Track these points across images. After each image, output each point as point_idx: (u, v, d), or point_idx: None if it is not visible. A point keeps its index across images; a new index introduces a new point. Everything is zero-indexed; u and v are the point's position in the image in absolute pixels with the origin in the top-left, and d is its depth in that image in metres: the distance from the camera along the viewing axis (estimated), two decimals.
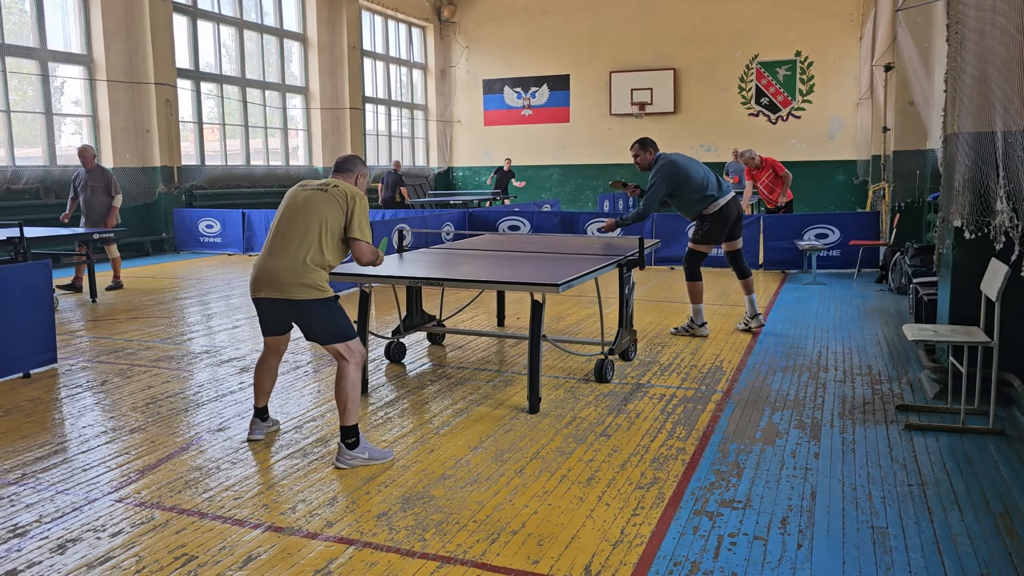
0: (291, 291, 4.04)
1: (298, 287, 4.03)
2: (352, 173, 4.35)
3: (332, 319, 4.11)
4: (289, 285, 4.03)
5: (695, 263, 7.04)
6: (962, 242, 5.05)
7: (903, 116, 10.73)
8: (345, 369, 4.09)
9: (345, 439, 4.07)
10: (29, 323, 5.87)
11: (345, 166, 4.38)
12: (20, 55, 12.71)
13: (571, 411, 4.93)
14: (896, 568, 3.02)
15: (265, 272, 4.10)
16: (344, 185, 4.18)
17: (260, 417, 4.53)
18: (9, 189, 12.20)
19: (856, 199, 19.53)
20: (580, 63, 22.22)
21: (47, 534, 3.36)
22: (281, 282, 4.04)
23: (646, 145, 6.85)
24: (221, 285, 10.38)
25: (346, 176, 4.33)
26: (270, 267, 4.08)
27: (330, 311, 4.11)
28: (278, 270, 4.05)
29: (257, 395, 4.51)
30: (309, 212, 4.09)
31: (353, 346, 4.14)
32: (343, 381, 4.08)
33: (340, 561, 3.11)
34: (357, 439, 4.09)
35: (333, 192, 4.12)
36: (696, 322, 7.03)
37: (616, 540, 3.25)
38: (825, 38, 20.01)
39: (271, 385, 4.53)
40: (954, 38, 5.09)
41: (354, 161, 4.40)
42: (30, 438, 4.55)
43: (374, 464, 4.08)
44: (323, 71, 18.90)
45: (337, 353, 4.11)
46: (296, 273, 4.02)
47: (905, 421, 4.66)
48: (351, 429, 4.07)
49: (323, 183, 4.20)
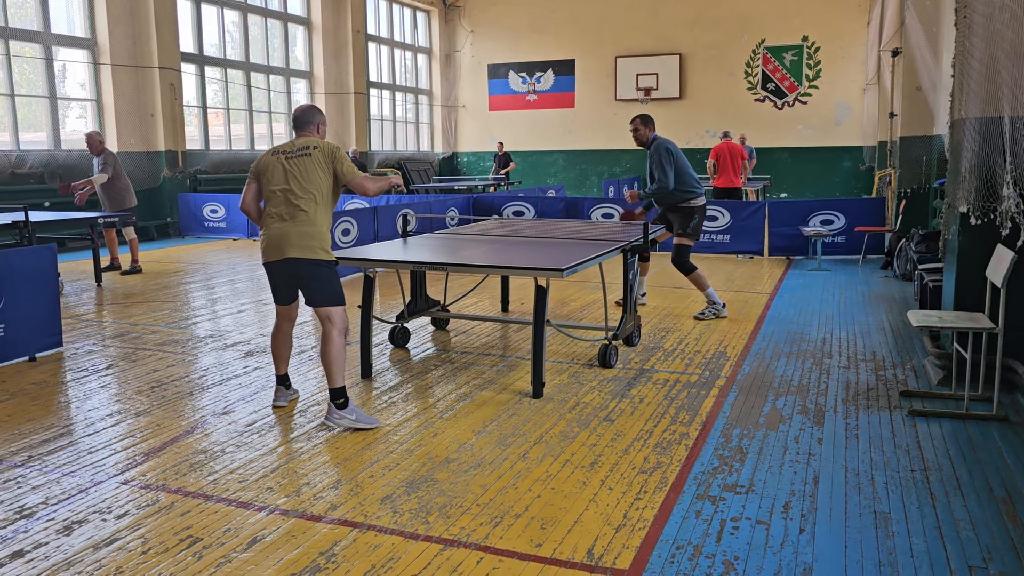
0: (303, 251, 4.33)
1: (308, 248, 4.33)
2: (313, 124, 4.55)
3: (331, 282, 4.42)
4: (300, 247, 4.32)
5: (686, 256, 7.17)
6: (968, 228, 5.03)
7: (910, 102, 10.66)
8: (331, 333, 4.39)
9: (334, 399, 4.36)
10: (35, 307, 5.89)
11: (305, 119, 4.55)
12: (24, 39, 12.68)
13: (575, 396, 4.94)
14: (898, 552, 3.03)
15: (276, 238, 4.36)
16: (322, 144, 4.43)
17: (283, 384, 4.80)
18: (14, 173, 12.21)
19: (862, 185, 19.45)
20: (585, 48, 22.10)
21: (53, 516, 3.39)
22: (292, 244, 4.32)
23: (647, 121, 7.08)
24: (225, 270, 10.39)
25: (309, 130, 4.54)
26: (281, 232, 4.34)
27: (330, 274, 4.43)
28: (289, 234, 4.32)
29: (277, 363, 4.76)
30: (306, 178, 4.36)
31: (341, 312, 4.45)
32: (328, 345, 4.37)
33: (344, 543, 3.13)
34: (346, 400, 4.38)
35: (316, 156, 4.38)
36: (717, 304, 7.23)
37: (619, 524, 3.27)
38: (832, 23, 19.87)
39: (288, 351, 4.77)
40: (962, 22, 5.04)
41: (311, 112, 4.58)
42: (36, 421, 4.58)
43: (360, 427, 4.34)
44: (327, 55, 18.83)
45: (326, 316, 4.40)
46: (307, 236, 4.33)
47: (909, 407, 4.66)
48: (339, 391, 4.36)
49: (301, 148, 4.42)
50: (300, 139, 4.49)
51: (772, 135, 20.39)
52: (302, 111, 4.58)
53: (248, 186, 4.56)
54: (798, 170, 20.51)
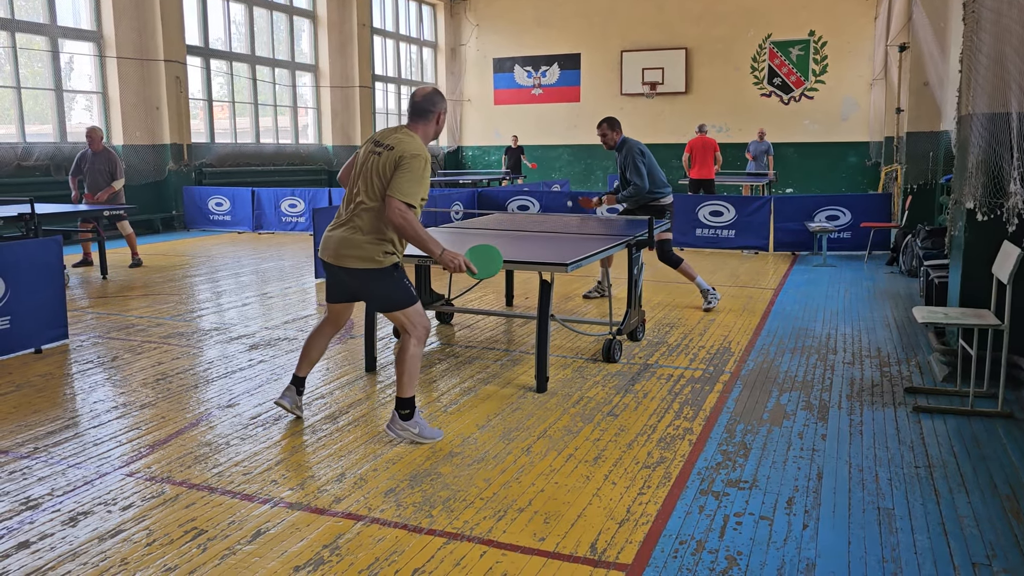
0: (357, 262, 3.98)
1: (361, 259, 3.97)
2: (432, 114, 4.03)
3: (392, 287, 4.04)
4: (355, 257, 3.97)
5: (669, 250, 7.29)
6: (974, 224, 5.01)
7: (917, 97, 10.62)
8: (407, 341, 4.08)
9: (400, 408, 4.10)
10: (40, 299, 5.91)
11: (421, 107, 4.02)
12: (30, 31, 12.70)
13: (579, 391, 4.94)
14: (902, 549, 3.03)
15: (332, 240, 4.04)
16: (403, 146, 3.90)
17: (297, 386, 4.42)
18: (20, 166, 12.23)
19: (868, 181, 19.38)
20: (591, 42, 22.04)
21: (59, 507, 3.40)
22: (345, 253, 3.99)
23: (614, 125, 7.24)
24: (231, 263, 10.41)
25: (424, 120, 4.03)
26: (337, 237, 4.01)
27: (390, 280, 4.03)
28: (344, 241, 3.99)
29: (301, 361, 4.41)
30: (371, 181, 3.95)
31: (414, 319, 4.07)
32: (403, 354, 4.08)
33: (348, 536, 3.14)
34: (412, 411, 4.11)
35: (387, 155, 3.91)
36: (710, 291, 7.36)
37: (622, 518, 3.27)
38: (839, 17, 19.78)
39: (318, 355, 4.43)
40: (970, 17, 5.02)
41: (431, 99, 4.03)
42: (42, 413, 4.60)
43: (422, 442, 4.08)
44: (333, 49, 18.81)
45: (399, 323, 4.09)
46: (358, 245, 3.96)
47: (913, 403, 4.66)
48: (407, 400, 4.09)
49: (387, 144, 3.95)
50: (399, 130, 4.01)
51: (778, 130, 20.31)
52: (421, 97, 4.02)
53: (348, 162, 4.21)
54: (804, 165, 20.45)
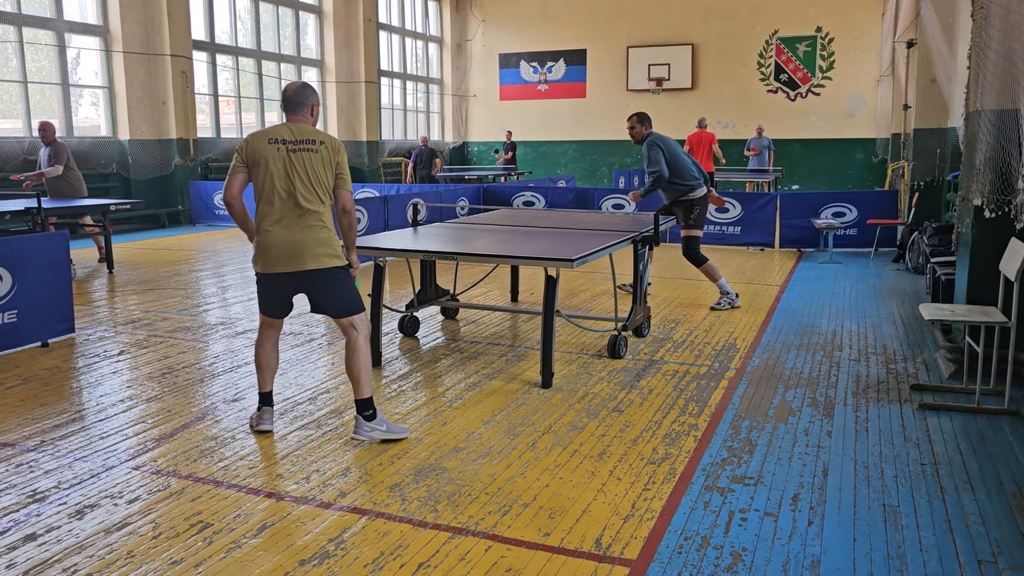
0: (321, 260, 3.90)
1: (326, 256, 3.92)
2: (307, 106, 4.03)
3: (350, 288, 4.04)
4: (319, 256, 3.90)
5: (696, 247, 7.22)
6: (982, 221, 4.99)
7: (924, 93, 10.57)
8: (357, 341, 4.02)
9: (362, 411, 4.03)
10: (47, 293, 5.92)
11: (297, 99, 4.00)
12: (37, 25, 12.72)
13: (584, 386, 4.94)
14: (907, 546, 3.02)
15: (286, 246, 3.88)
16: (328, 140, 3.98)
17: (268, 404, 4.25)
18: (26, 160, 12.26)
19: (875, 178, 19.32)
20: (597, 38, 22.00)
21: (65, 500, 3.42)
22: (310, 253, 3.88)
23: (643, 119, 7.19)
24: (236, 257, 10.42)
25: (303, 112, 4.01)
26: (292, 240, 3.88)
27: (345, 280, 4.02)
28: (304, 242, 3.87)
29: (262, 378, 4.23)
30: (314, 176, 3.90)
31: (364, 317, 4.09)
32: (355, 353, 4.01)
33: (353, 531, 3.15)
34: (374, 411, 4.05)
35: (324, 153, 3.93)
36: (731, 295, 7.29)
37: (627, 514, 3.27)
38: (846, 14, 19.71)
39: (276, 363, 4.29)
40: (979, 13, 4.99)
41: (304, 91, 4.04)
42: (48, 406, 4.61)
43: (391, 438, 4.05)
44: (339, 44, 18.80)
45: (349, 324, 4.02)
46: (323, 243, 3.91)
47: (919, 401, 4.64)
48: (367, 401, 4.03)
49: (307, 140, 3.92)
50: (298, 126, 3.96)
51: (784, 127, 20.26)
52: (294, 90, 4.01)
53: (235, 175, 3.93)
54: (810, 162, 20.40)
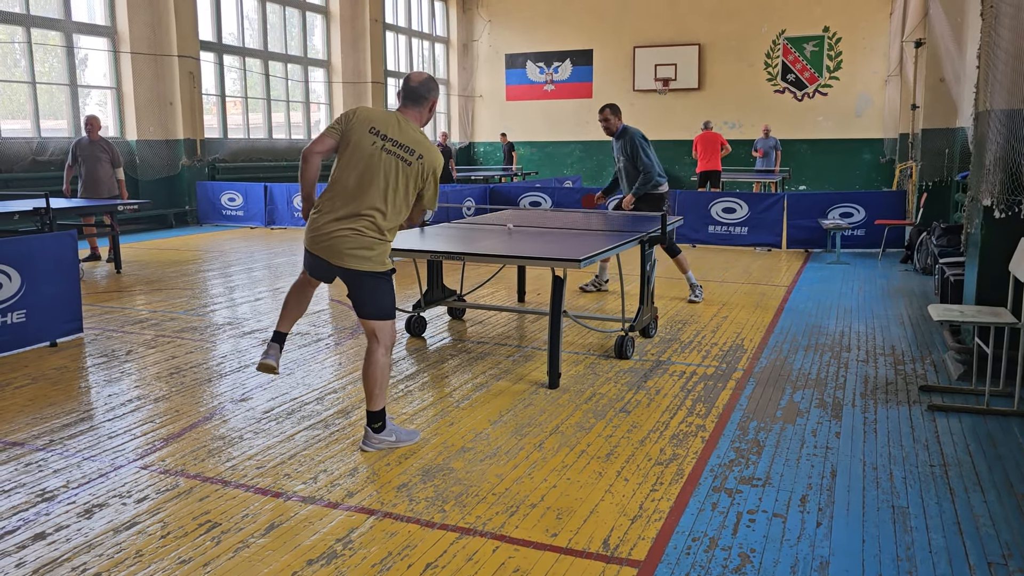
0: (359, 263, 3.78)
1: (365, 260, 3.78)
2: (427, 101, 3.91)
3: (384, 294, 3.86)
4: (358, 259, 3.77)
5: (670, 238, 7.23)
6: (991, 221, 4.97)
7: (933, 93, 10.53)
8: (376, 352, 3.84)
9: (371, 424, 3.91)
10: (55, 293, 5.94)
11: (419, 92, 3.88)
12: (45, 27, 12.77)
13: (591, 387, 4.94)
14: (916, 548, 3.01)
15: (329, 238, 3.77)
16: (428, 156, 3.83)
17: (279, 343, 4.19)
18: (35, 161, 12.31)
19: (882, 178, 19.25)
20: (603, 38, 21.98)
21: (74, 499, 3.43)
22: (348, 254, 3.77)
23: (616, 111, 7.39)
24: (243, 258, 10.45)
25: (419, 107, 3.90)
26: (338, 235, 3.76)
27: (385, 286, 3.86)
28: (347, 241, 3.75)
29: (283, 318, 4.19)
30: (395, 186, 3.79)
31: (390, 327, 3.89)
32: (373, 365, 3.84)
33: (361, 531, 3.15)
34: (383, 423, 3.93)
35: (417, 168, 3.81)
36: (698, 288, 7.63)
37: (635, 515, 3.26)
38: (854, 13, 19.64)
39: (301, 313, 4.23)
40: (989, 13, 4.97)
41: (428, 85, 3.91)
42: (57, 405, 4.63)
43: (402, 446, 3.97)
44: (345, 44, 18.83)
45: (372, 331, 3.86)
46: (366, 247, 3.78)
47: (928, 402, 4.63)
48: (378, 414, 3.90)
49: (408, 147, 3.79)
50: (407, 124, 3.84)
51: (792, 127, 20.21)
52: (419, 82, 3.88)
53: (326, 137, 3.81)
54: (818, 162, 20.34)
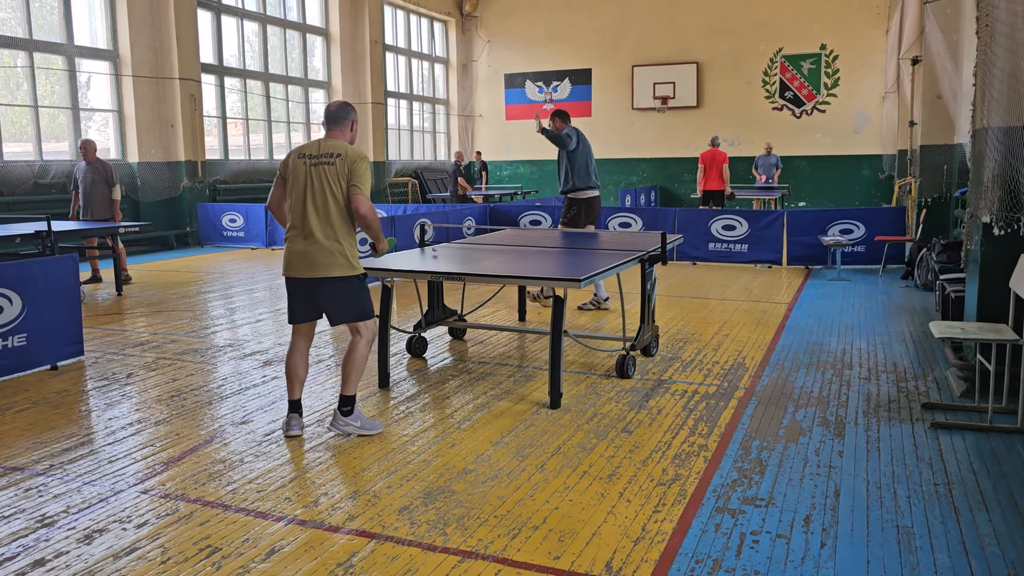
0: (328, 270, 4.22)
1: (335, 266, 4.23)
2: (347, 121, 4.38)
3: (357, 297, 4.33)
4: (327, 266, 4.22)
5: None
6: (991, 238, 4.98)
7: (930, 110, 10.58)
8: (357, 343, 4.37)
9: (342, 406, 4.37)
10: (56, 316, 5.94)
11: (338, 115, 4.37)
12: (48, 51, 12.86)
13: (592, 407, 4.92)
14: (921, 568, 2.99)
15: (300, 255, 4.25)
16: (346, 152, 4.24)
17: (297, 412, 4.50)
18: (36, 183, 12.36)
19: (882, 194, 19.29)
20: (602, 57, 22.11)
21: (74, 524, 3.41)
22: (318, 263, 4.22)
23: (564, 117, 8.27)
24: (244, 279, 10.46)
25: (341, 127, 4.37)
26: (305, 250, 4.23)
27: (357, 289, 4.33)
28: (312, 253, 4.21)
29: (291, 386, 4.49)
30: (327, 189, 4.21)
31: (370, 324, 4.40)
32: (353, 354, 4.35)
33: (362, 554, 3.13)
34: (352, 408, 4.38)
35: (338, 164, 4.21)
36: (600, 296, 7.89)
37: (637, 537, 3.24)
38: (851, 31, 19.76)
39: (305, 373, 4.54)
40: (984, 31, 5.00)
41: (345, 109, 4.39)
42: (57, 429, 4.61)
43: (365, 434, 4.37)
44: (345, 66, 18.95)
45: (354, 328, 4.37)
46: (330, 253, 4.22)
47: (931, 419, 4.61)
48: (350, 398, 4.37)
49: (326, 154, 4.24)
50: (328, 141, 4.31)
51: (790, 144, 20.27)
52: (336, 107, 4.39)
53: (275, 187, 4.41)
54: (817, 179, 20.38)
